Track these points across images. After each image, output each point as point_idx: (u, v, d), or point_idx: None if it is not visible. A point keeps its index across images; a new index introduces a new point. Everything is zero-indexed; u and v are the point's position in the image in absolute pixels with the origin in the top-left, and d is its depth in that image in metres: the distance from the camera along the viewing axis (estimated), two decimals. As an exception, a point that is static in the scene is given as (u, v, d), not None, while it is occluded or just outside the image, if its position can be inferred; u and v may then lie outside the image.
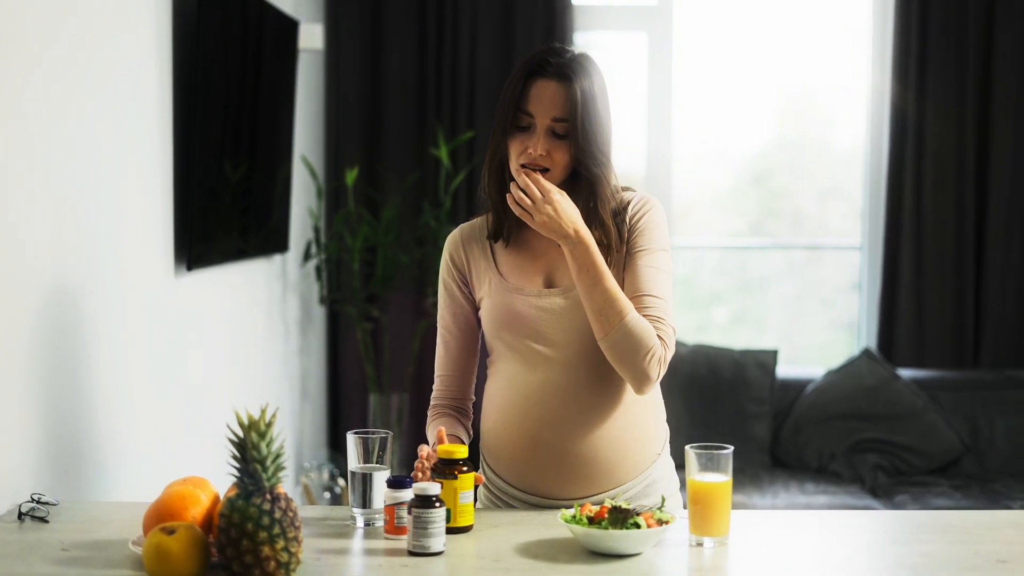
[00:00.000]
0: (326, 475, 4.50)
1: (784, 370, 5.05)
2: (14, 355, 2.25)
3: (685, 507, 2.07)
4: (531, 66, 2.17)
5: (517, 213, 2.13)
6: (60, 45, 2.46)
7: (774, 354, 4.92)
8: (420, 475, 2.06)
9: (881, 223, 5.20)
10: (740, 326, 5.72)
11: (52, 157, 2.43)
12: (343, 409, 5.13)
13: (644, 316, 2.14)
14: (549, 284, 2.24)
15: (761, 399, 4.86)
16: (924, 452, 4.79)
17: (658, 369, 2.13)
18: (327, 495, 4.49)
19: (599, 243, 2.17)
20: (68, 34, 2.50)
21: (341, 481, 4.52)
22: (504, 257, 2.28)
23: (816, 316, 5.70)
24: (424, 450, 2.11)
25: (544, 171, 2.16)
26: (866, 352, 4.96)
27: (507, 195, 2.15)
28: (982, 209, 5.12)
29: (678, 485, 2.32)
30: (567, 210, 2.11)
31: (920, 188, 5.10)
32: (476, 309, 2.31)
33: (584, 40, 5.27)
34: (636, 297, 2.16)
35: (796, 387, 4.99)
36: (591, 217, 2.19)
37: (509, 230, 2.27)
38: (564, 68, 2.15)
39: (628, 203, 2.25)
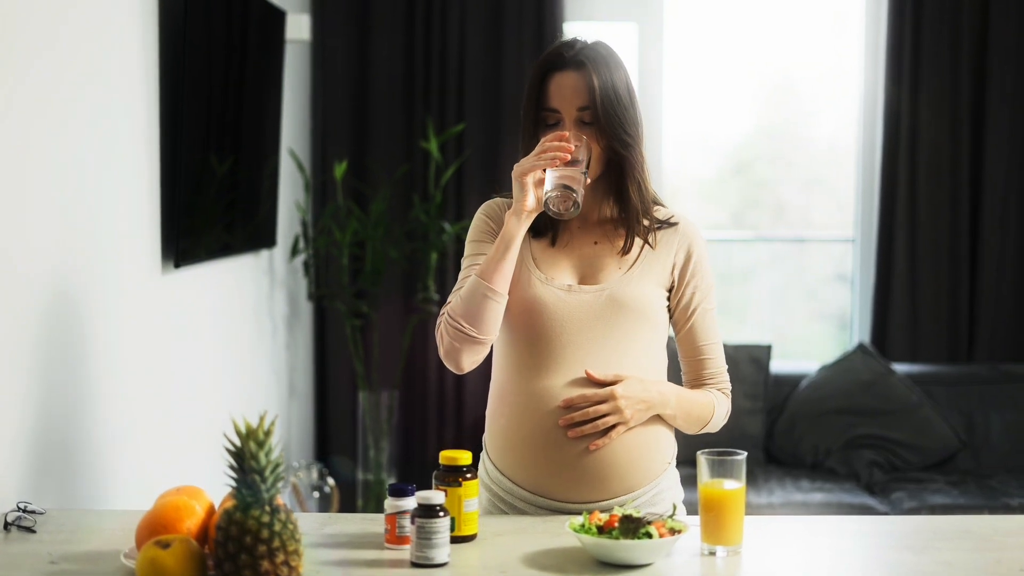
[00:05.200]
0: (315, 474, 4.42)
1: (777, 365, 4.99)
2: (-2, 358, 2.18)
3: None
4: (546, 63, 2.17)
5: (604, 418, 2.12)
6: (44, 38, 2.39)
7: (768, 349, 4.86)
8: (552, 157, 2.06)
9: (874, 216, 5.16)
10: (723, 319, 5.64)
11: (35, 153, 2.36)
12: (331, 407, 5.06)
13: (705, 374, 2.26)
14: (581, 281, 2.20)
15: (755, 395, 4.80)
16: (920, 448, 4.75)
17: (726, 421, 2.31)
18: (316, 495, 4.42)
19: (626, 228, 2.18)
20: (51, 27, 2.43)
21: (331, 480, 4.45)
22: (540, 246, 2.23)
23: (801, 309, 5.64)
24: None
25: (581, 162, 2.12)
26: (860, 347, 4.91)
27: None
28: (976, 202, 5.07)
29: (682, 496, 2.27)
30: (632, 389, 2.12)
31: (914, 180, 5.06)
32: None
33: (573, 31, 5.19)
34: (698, 347, 2.25)
35: (790, 382, 4.94)
36: (624, 201, 2.18)
37: (555, 230, 2.23)
38: (577, 56, 2.15)
39: (673, 224, 2.22)
